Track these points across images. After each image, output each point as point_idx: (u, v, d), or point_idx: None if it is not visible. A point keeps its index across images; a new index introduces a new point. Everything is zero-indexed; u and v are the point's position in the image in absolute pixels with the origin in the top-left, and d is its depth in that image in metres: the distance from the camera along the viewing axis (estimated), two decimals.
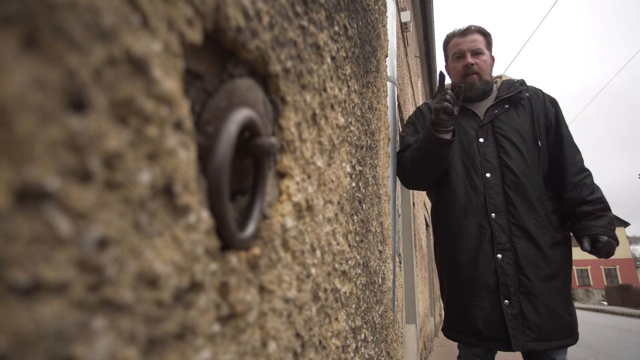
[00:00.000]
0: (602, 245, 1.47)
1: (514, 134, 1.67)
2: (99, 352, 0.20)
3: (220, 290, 0.32)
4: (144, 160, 0.24)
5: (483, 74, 1.74)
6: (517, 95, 1.74)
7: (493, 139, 1.69)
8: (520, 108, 1.73)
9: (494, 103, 1.74)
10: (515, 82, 1.82)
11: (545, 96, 1.77)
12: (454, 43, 1.79)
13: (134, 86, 0.24)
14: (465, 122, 1.78)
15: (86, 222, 0.20)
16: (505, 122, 1.70)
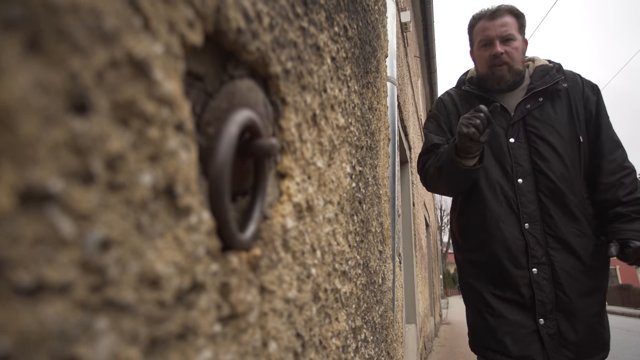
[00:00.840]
0: (632, 251, 1.28)
1: (549, 132, 1.44)
2: (102, 352, 0.20)
3: (221, 291, 0.32)
4: (146, 161, 0.25)
5: (514, 63, 1.49)
6: (554, 86, 1.48)
7: (525, 139, 1.47)
8: (557, 100, 1.48)
9: (526, 96, 1.49)
10: (551, 67, 1.54)
11: (584, 82, 1.52)
12: (481, 27, 1.52)
13: (135, 88, 0.24)
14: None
15: (89, 224, 0.20)
16: (539, 119, 1.47)
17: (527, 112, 1.48)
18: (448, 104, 1.63)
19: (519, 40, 1.50)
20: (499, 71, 1.49)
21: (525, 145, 1.47)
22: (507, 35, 1.48)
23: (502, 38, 1.48)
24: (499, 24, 1.48)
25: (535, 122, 1.47)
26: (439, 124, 1.61)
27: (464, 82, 1.65)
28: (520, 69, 1.51)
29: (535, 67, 1.56)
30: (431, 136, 1.58)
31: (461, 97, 1.60)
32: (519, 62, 1.50)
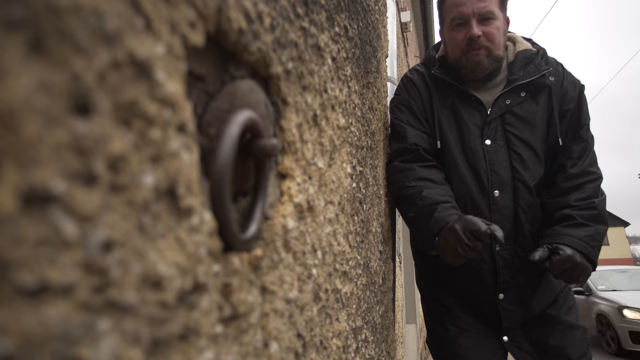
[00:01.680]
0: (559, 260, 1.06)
1: (531, 132, 1.23)
2: (104, 353, 0.20)
3: (222, 292, 0.32)
4: (148, 162, 0.25)
5: (494, 47, 1.21)
6: (539, 79, 1.23)
7: (504, 142, 1.24)
8: (540, 95, 1.25)
9: (506, 90, 1.24)
10: (535, 54, 1.28)
11: (566, 74, 1.28)
12: (454, 2, 1.23)
13: (137, 89, 0.24)
14: (466, 113, 1.28)
15: (91, 225, 0.20)
16: (520, 117, 1.23)
17: (507, 108, 1.24)
18: (420, 86, 1.35)
19: (499, 19, 1.22)
20: (475, 56, 1.22)
21: (504, 149, 1.24)
22: (486, 13, 1.19)
23: (479, 16, 1.19)
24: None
25: (515, 120, 1.24)
26: (412, 112, 1.32)
27: (434, 61, 1.37)
28: (501, 54, 1.24)
29: (517, 53, 1.30)
30: (405, 128, 1.29)
31: (432, 80, 1.33)
32: (499, 46, 1.23)
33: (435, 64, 1.35)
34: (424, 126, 1.31)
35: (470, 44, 1.22)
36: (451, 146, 1.29)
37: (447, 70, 1.31)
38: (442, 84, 1.31)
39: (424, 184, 1.21)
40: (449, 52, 1.30)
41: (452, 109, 1.30)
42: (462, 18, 1.22)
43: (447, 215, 1.10)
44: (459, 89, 1.28)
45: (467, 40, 1.22)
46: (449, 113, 1.30)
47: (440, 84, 1.32)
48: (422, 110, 1.33)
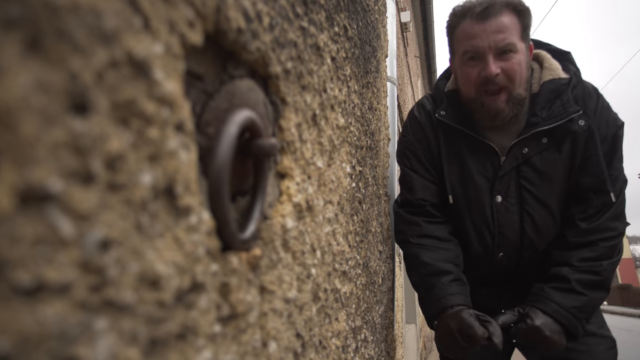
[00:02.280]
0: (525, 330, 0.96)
1: (550, 189, 1.04)
2: (101, 352, 0.20)
3: (221, 291, 0.32)
4: (146, 161, 0.25)
5: (514, 87, 1.00)
6: (567, 125, 0.99)
7: (517, 199, 1.06)
8: (566, 140, 1.02)
9: (525, 137, 1.03)
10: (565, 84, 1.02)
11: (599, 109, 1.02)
12: (466, 32, 1.01)
13: (135, 88, 0.24)
14: (476, 163, 1.10)
15: (88, 224, 0.20)
16: (539, 170, 1.03)
17: (524, 159, 1.04)
18: (427, 128, 1.18)
19: (521, 52, 0.99)
20: (493, 103, 1.01)
21: (516, 208, 1.07)
22: (506, 46, 0.97)
23: (497, 50, 0.98)
24: (494, 27, 0.97)
25: (532, 174, 1.04)
26: (418, 159, 1.18)
27: (441, 97, 1.18)
28: (522, 94, 1.02)
29: (542, 84, 1.04)
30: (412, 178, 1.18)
31: (439, 122, 1.16)
32: (521, 84, 1.01)
33: (442, 102, 1.17)
34: (431, 174, 1.18)
35: (486, 84, 1.01)
36: (458, 199, 1.14)
37: (457, 109, 1.12)
38: (449, 127, 1.14)
39: (428, 242, 1.12)
40: (461, 89, 1.10)
41: (461, 156, 1.13)
42: (476, 51, 1.00)
43: (446, 295, 1.02)
44: (469, 135, 1.11)
45: (483, 79, 1.00)
46: (457, 161, 1.14)
47: (448, 127, 1.14)
48: (429, 156, 1.18)
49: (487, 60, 0.99)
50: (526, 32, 1.02)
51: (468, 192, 1.12)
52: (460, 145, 1.13)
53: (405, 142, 1.25)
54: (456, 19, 1.05)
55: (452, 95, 1.15)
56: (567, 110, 1.00)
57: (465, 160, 1.12)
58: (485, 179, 1.10)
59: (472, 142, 1.11)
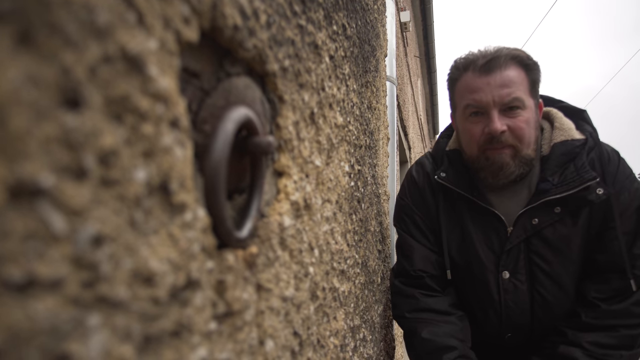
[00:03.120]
0: None
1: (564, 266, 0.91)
2: (94, 348, 0.20)
3: (216, 289, 0.32)
4: (140, 157, 0.24)
5: (523, 146, 0.90)
6: (582, 194, 0.88)
7: (527, 276, 0.94)
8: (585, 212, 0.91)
9: (534, 205, 0.91)
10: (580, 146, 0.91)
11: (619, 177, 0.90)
12: (468, 85, 0.93)
13: (129, 84, 0.24)
14: (479, 233, 0.99)
15: (81, 219, 0.20)
16: (552, 243, 0.91)
17: (534, 231, 0.92)
18: (426, 192, 1.08)
19: (529, 109, 0.90)
20: (498, 156, 0.91)
21: (526, 287, 0.94)
22: (512, 102, 0.88)
23: (503, 105, 0.89)
24: (499, 81, 0.89)
25: (544, 248, 0.92)
26: (416, 225, 1.09)
27: (442, 158, 1.09)
28: (531, 155, 0.91)
29: (553, 146, 0.94)
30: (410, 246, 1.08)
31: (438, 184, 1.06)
32: (529, 144, 0.90)
33: (443, 162, 1.07)
34: (431, 243, 1.07)
35: (490, 141, 0.91)
36: (459, 273, 1.02)
37: (459, 171, 1.03)
38: (450, 190, 1.03)
39: (426, 316, 1.00)
40: (464, 147, 1.00)
41: (463, 224, 1.02)
42: (479, 106, 0.91)
43: None
44: (471, 200, 0.99)
45: (487, 136, 0.91)
46: (459, 230, 1.02)
47: (449, 190, 1.03)
48: (428, 223, 1.08)
49: (492, 116, 0.90)
50: (535, 89, 0.93)
51: (470, 265, 0.99)
52: (462, 212, 1.02)
53: (403, 207, 1.14)
54: (458, 71, 0.97)
55: (454, 154, 1.05)
56: (582, 177, 0.87)
57: (468, 229, 1.00)
58: (490, 252, 0.97)
59: (475, 208, 0.99)
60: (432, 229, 1.07)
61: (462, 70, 0.96)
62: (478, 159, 0.95)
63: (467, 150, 0.99)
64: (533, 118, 0.92)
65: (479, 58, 0.93)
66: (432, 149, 1.18)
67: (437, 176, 1.04)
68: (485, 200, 0.98)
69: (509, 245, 0.94)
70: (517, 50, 0.93)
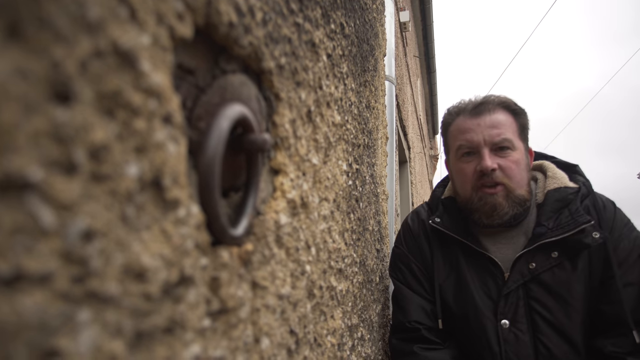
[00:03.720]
0: None
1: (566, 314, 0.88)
2: (84, 344, 0.20)
3: (210, 285, 0.32)
4: (132, 153, 0.24)
5: (514, 186, 0.93)
6: (577, 237, 0.88)
7: (528, 324, 0.90)
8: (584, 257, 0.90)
9: (530, 249, 0.91)
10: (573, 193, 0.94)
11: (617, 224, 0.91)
12: (460, 127, 0.99)
13: (121, 79, 0.24)
14: (475, 279, 0.98)
15: (71, 214, 0.20)
16: (552, 289, 0.90)
17: (531, 275, 0.91)
18: (421, 239, 1.09)
19: (519, 150, 0.95)
20: (490, 197, 0.93)
21: (529, 337, 0.90)
22: (502, 142, 0.93)
23: (493, 145, 0.94)
24: (488, 122, 0.95)
25: (543, 294, 0.90)
26: (412, 273, 1.08)
27: (437, 205, 1.11)
28: (524, 195, 0.94)
29: (547, 193, 0.97)
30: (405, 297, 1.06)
31: (433, 231, 1.08)
32: (520, 184, 0.93)
33: (438, 209, 1.09)
34: (427, 291, 1.06)
35: (482, 178, 0.94)
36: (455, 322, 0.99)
37: (453, 216, 1.05)
38: (445, 236, 1.04)
39: None
40: (458, 190, 1.03)
41: (458, 270, 1.01)
42: (471, 146, 0.96)
43: None
44: (466, 245, 0.99)
45: (479, 174, 0.94)
46: (454, 275, 1.01)
47: (444, 236, 1.04)
48: (423, 270, 1.07)
49: (483, 154, 0.94)
50: (524, 133, 0.99)
51: (467, 313, 0.96)
52: (457, 257, 1.02)
53: (399, 254, 1.13)
54: (450, 117, 1.04)
55: (449, 201, 1.08)
56: (577, 220, 0.89)
57: (464, 274, 0.99)
58: (488, 298, 0.95)
59: (470, 253, 0.99)
60: (428, 277, 1.07)
61: (455, 116, 1.02)
62: (472, 200, 0.97)
63: (461, 191, 1.01)
64: (523, 160, 0.96)
65: (469, 104, 1.00)
66: (429, 199, 1.20)
67: (431, 221, 1.06)
68: (480, 245, 0.98)
69: (506, 290, 0.92)
70: (504, 97, 1.00)
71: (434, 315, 1.03)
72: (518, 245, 0.96)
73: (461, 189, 1.01)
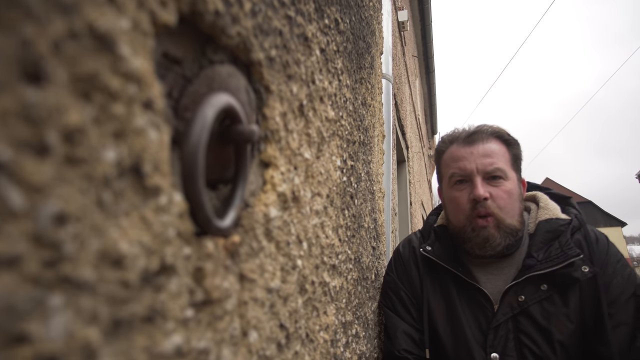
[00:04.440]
0: None
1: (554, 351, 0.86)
2: (55, 329, 0.20)
3: (194, 276, 0.31)
4: (110, 137, 0.24)
5: (505, 216, 0.92)
6: (567, 270, 0.88)
7: (518, 358, 0.89)
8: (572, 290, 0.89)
9: (519, 281, 0.91)
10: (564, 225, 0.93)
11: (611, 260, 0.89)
12: (453, 155, 1.00)
13: (98, 62, 0.23)
14: (465, 310, 0.97)
15: (42, 196, 0.20)
16: (539, 323, 0.88)
17: (520, 308, 0.90)
18: (410, 267, 1.09)
19: (512, 180, 0.95)
20: (483, 229, 0.93)
21: None
22: (494, 171, 0.93)
23: (486, 174, 0.94)
24: (481, 151, 0.95)
25: (532, 328, 0.88)
26: (401, 301, 1.07)
27: (429, 233, 1.11)
28: (516, 225, 0.93)
29: (538, 223, 0.97)
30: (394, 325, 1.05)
31: (424, 260, 1.08)
32: (512, 215, 0.93)
33: (430, 237, 1.09)
34: (415, 319, 1.05)
35: (475, 207, 0.94)
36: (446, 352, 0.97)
37: (445, 245, 1.05)
38: (436, 264, 1.04)
39: None
40: (451, 218, 1.03)
41: (449, 300, 1.00)
42: (464, 174, 0.97)
43: None
44: (457, 275, 0.99)
45: (472, 202, 0.94)
46: (444, 306, 1.01)
47: (434, 264, 1.04)
48: (412, 298, 1.07)
49: (475, 183, 0.94)
50: (517, 164, 0.99)
51: (457, 343, 0.95)
52: (448, 287, 1.01)
53: (388, 281, 1.13)
54: (444, 145, 1.05)
55: (441, 230, 1.08)
56: (566, 253, 0.88)
57: (454, 304, 0.98)
58: (478, 330, 0.94)
59: (460, 283, 0.99)
60: (416, 306, 1.06)
61: (448, 144, 1.04)
62: (464, 230, 0.97)
63: (454, 220, 1.01)
64: (516, 191, 0.96)
65: (462, 133, 1.01)
66: (422, 227, 1.19)
67: (422, 249, 1.06)
68: (470, 276, 0.98)
69: (495, 322, 0.91)
70: (498, 128, 1.00)
71: (422, 344, 1.02)
72: (509, 276, 0.96)
73: (454, 218, 1.01)
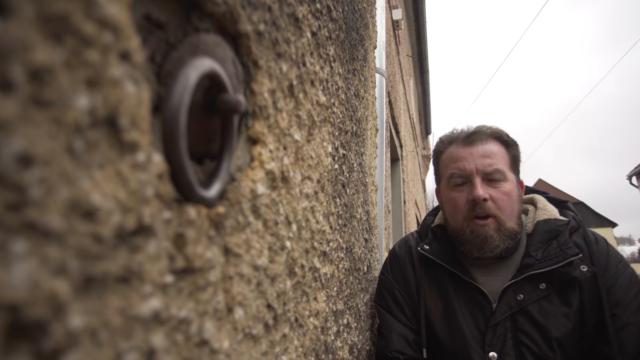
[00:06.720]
0: None
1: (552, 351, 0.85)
2: (17, 277, 0.18)
3: (175, 241, 0.30)
4: (82, 84, 0.23)
5: (505, 218, 0.91)
6: (565, 269, 0.87)
7: (516, 357, 0.87)
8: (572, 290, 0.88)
9: (517, 280, 0.90)
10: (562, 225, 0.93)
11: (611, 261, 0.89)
12: (452, 155, 0.98)
13: (69, 3, 0.22)
14: (463, 309, 0.96)
15: (5, 133, 0.18)
16: (538, 322, 0.87)
17: (519, 307, 0.89)
18: (406, 267, 1.08)
19: (511, 182, 0.94)
20: (482, 229, 0.91)
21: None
22: (493, 173, 0.92)
23: (485, 175, 0.92)
24: (481, 152, 0.94)
25: (530, 327, 0.88)
26: (396, 301, 1.06)
27: (426, 232, 1.10)
28: (515, 228, 0.92)
29: (537, 223, 0.96)
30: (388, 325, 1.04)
31: (421, 259, 1.07)
32: (511, 217, 0.92)
33: (427, 237, 1.08)
34: (409, 320, 1.04)
35: (474, 208, 0.92)
36: (442, 351, 0.96)
37: (443, 244, 1.04)
38: (433, 263, 1.03)
39: None
40: (449, 219, 1.02)
41: (446, 299, 0.99)
42: (463, 174, 0.95)
43: None
44: (455, 274, 0.98)
45: (471, 204, 0.93)
46: (441, 306, 0.99)
47: (432, 263, 1.03)
48: (407, 299, 1.05)
49: (475, 183, 0.93)
50: (516, 165, 0.98)
51: (454, 343, 0.94)
52: (445, 286, 1.00)
53: (383, 282, 1.11)
54: (442, 145, 1.03)
55: (439, 229, 1.07)
56: (565, 253, 0.88)
57: (451, 303, 0.97)
58: (475, 329, 0.92)
59: (458, 282, 0.98)
60: (411, 305, 1.05)
61: (447, 144, 1.02)
62: (463, 231, 0.95)
63: (452, 221, 0.99)
64: (515, 192, 0.95)
65: (461, 133, 1.00)
66: (419, 227, 1.18)
67: (420, 248, 1.05)
68: (468, 275, 0.97)
69: (493, 321, 0.91)
70: (497, 129, 0.99)
71: (416, 344, 1.01)
72: (507, 275, 0.95)
73: (452, 219, 0.99)
